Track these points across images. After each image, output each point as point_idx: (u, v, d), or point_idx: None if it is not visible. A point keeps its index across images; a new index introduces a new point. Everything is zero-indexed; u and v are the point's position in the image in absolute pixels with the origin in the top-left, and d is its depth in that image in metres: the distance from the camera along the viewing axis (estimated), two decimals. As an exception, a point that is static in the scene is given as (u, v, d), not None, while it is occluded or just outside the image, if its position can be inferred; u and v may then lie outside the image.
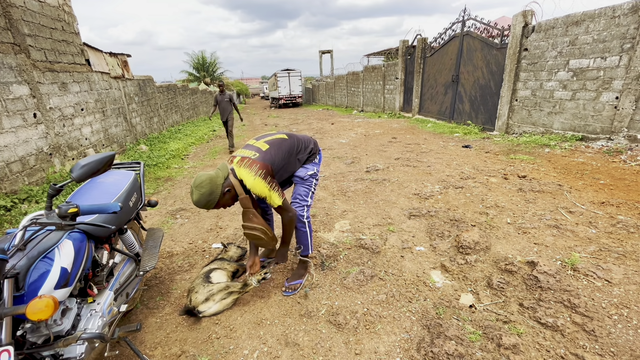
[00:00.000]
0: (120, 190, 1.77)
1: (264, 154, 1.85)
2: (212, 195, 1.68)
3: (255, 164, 1.77)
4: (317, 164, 2.15)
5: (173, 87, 12.64)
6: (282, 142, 1.97)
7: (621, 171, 4.09)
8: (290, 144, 2.00)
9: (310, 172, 2.07)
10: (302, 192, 2.06)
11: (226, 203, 1.78)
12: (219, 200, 1.72)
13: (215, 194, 1.69)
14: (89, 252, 1.37)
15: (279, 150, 1.91)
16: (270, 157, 1.85)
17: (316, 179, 2.13)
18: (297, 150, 2.02)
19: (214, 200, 1.70)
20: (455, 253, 2.49)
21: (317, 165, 2.15)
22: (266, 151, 1.87)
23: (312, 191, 2.11)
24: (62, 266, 1.12)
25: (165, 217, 3.70)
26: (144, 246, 2.01)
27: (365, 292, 2.05)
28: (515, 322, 1.71)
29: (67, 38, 5.80)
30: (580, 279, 2.03)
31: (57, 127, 5.22)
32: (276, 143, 1.95)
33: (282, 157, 1.91)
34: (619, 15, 4.94)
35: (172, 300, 2.13)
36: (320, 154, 2.20)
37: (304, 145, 2.07)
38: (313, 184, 2.10)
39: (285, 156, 1.93)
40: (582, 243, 2.49)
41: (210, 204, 1.70)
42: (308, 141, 2.13)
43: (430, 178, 4.44)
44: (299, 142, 2.06)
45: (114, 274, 1.67)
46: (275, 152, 1.89)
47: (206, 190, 1.67)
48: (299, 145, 2.04)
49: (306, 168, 2.06)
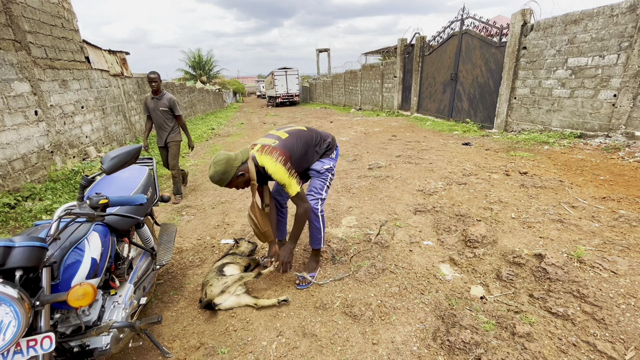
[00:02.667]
0: (136, 184, 1.78)
1: (284, 142, 1.93)
2: (226, 174, 1.81)
3: (276, 150, 1.85)
4: (334, 159, 2.17)
5: (171, 85, 12.58)
6: (301, 133, 2.04)
7: (620, 167, 4.16)
8: (309, 136, 2.05)
9: (326, 165, 2.09)
10: (318, 185, 2.09)
11: (238, 185, 1.89)
12: (232, 180, 1.84)
13: (229, 174, 1.81)
14: (112, 245, 1.39)
15: (298, 140, 1.98)
16: (290, 145, 1.93)
17: (332, 173, 2.15)
18: (316, 142, 2.06)
19: (227, 179, 1.82)
20: (463, 247, 2.53)
21: (334, 161, 2.17)
22: (286, 139, 1.96)
23: (328, 185, 2.13)
24: (92, 257, 1.14)
25: (172, 214, 3.70)
26: (159, 241, 2.02)
27: (378, 285, 2.08)
28: (527, 312, 1.76)
29: (66, 35, 5.75)
30: (587, 270, 2.08)
31: (58, 125, 5.19)
32: (296, 133, 2.03)
33: (301, 147, 1.98)
34: (617, 14, 5.02)
35: (186, 295, 2.15)
36: (337, 149, 2.22)
37: (322, 138, 2.11)
38: (329, 178, 2.12)
39: (304, 147, 1.99)
40: (586, 236, 2.54)
41: (222, 182, 1.82)
42: (326, 135, 2.17)
43: (432, 175, 4.48)
44: (317, 135, 2.10)
45: (133, 267, 1.68)
46: (295, 141, 1.97)
47: (221, 169, 1.79)
48: (317, 137, 2.08)
49: (322, 162, 2.09)
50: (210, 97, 20.92)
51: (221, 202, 4.01)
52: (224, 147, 7.99)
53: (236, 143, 8.40)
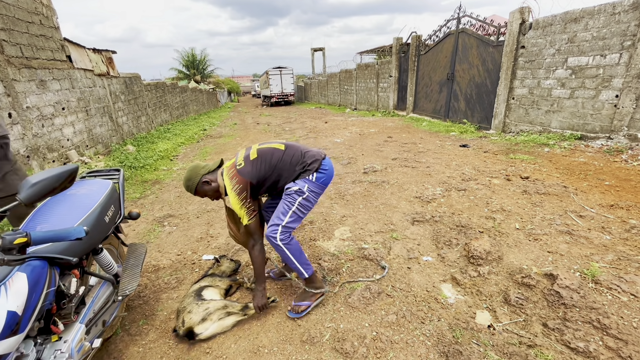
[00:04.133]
0: (94, 203, 1.54)
1: (248, 166, 1.78)
2: (190, 181, 1.82)
3: (236, 177, 1.75)
4: (310, 181, 1.80)
5: (162, 85, 12.25)
6: (274, 153, 1.82)
7: (625, 172, 3.99)
8: (281, 155, 1.81)
9: (295, 187, 1.79)
10: (280, 208, 1.83)
11: (206, 194, 1.86)
12: (197, 188, 1.83)
13: (193, 182, 1.82)
14: (51, 282, 1.15)
15: (265, 162, 1.79)
16: (253, 172, 1.77)
17: (303, 197, 1.79)
18: (295, 162, 1.81)
19: (192, 186, 1.83)
20: (466, 264, 2.32)
21: (309, 183, 1.80)
22: (252, 162, 1.79)
23: (296, 210, 1.80)
24: (8, 310, 0.90)
25: (152, 225, 3.45)
26: (124, 265, 1.78)
27: (373, 312, 1.86)
28: (542, 347, 1.55)
29: (45, 33, 5.45)
30: (604, 293, 1.87)
31: (36, 128, 4.90)
32: (267, 153, 1.81)
33: (267, 170, 1.78)
34: (619, 12, 4.85)
35: (158, 324, 1.90)
36: (323, 172, 1.83)
37: (302, 157, 1.83)
38: (296, 201, 1.79)
39: (270, 168, 1.79)
40: (598, 251, 2.34)
41: (189, 188, 1.84)
42: (308, 155, 1.85)
43: (430, 180, 4.28)
44: (294, 154, 1.83)
45: (86, 302, 1.44)
46: (260, 165, 1.78)
47: (186, 175, 1.84)
48: (296, 157, 1.83)
49: (295, 183, 1.81)
50: (203, 97, 20.56)
51: (207, 211, 3.76)
52: (215, 149, 7.72)
53: (227, 145, 8.14)
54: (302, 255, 1.88)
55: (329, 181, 1.89)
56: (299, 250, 1.87)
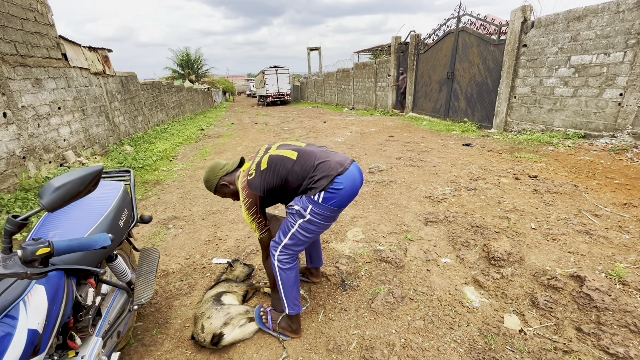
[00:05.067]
0: (107, 207, 1.44)
1: (257, 177, 1.57)
2: (209, 182, 1.78)
3: (246, 189, 1.60)
4: (314, 202, 1.49)
5: (158, 84, 12.06)
6: (284, 163, 1.54)
7: (634, 170, 3.97)
8: (290, 166, 1.53)
9: (297, 207, 1.53)
10: (282, 227, 1.62)
11: (226, 195, 1.81)
12: (217, 189, 1.78)
13: (212, 182, 1.76)
14: (69, 295, 1.05)
15: (273, 174, 1.54)
16: (262, 184, 1.56)
17: (304, 219, 1.52)
18: (298, 174, 1.53)
19: (211, 187, 1.78)
20: (487, 265, 2.26)
21: (315, 205, 1.49)
22: (262, 172, 1.56)
23: (294, 233, 1.55)
24: (29, 328, 0.81)
25: (157, 228, 3.34)
26: (137, 271, 1.68)
27: (399, 318, 1.79)
28: (579, 353, 1.49)
29: (40, 30, 5.29)
30: (633, 295, 1.83)
31: (31, 128, 4.74)
32: (277, 163, 1.55)
33: (276, 181, 1.55)
34: (624, 10, 4.84)
35: (173, 333, 1.81)
36: (333, 192, 1.47)
37: (307, 172, 1.51)
38: (297, 223, 1.54)
39: (279, 180, 1.55)
40: (619, 251, 2.30)
41: (209, 189, 1.79)
42: (318, 169, 1.50)
43: (438, 179, 4.23)
44: (304, 165, 1.52)
45: (102, 313, 1.34)
46: (268, 177, 1.55)
47: (205, 176, 1.79)
48: (302, 169, 1.52)
49: (298, 201, 1.54)
50: (199, 97, 20.34)
51: (212, 213, 3.66)
52: (214, 149, 7.60)
53: (227, 145, 8.02)
54: (293, 289, 1.63)
55: (344, 202, 1.53)
56: (292, 282, 1.62)
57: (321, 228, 1.58)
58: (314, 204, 1.49)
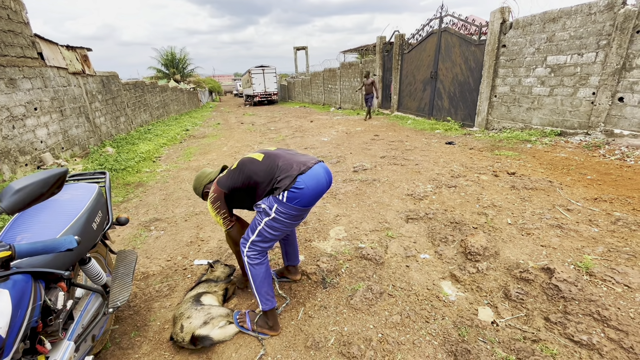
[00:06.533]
0: (80, 209, 1.42)
1: (226, 176, 1.74)
2: (196, 190, 1.96)
3: (214, 185, 1.76)
4: (279, 201, 1.53)
5: (141, 84, 11.82)
6: (251, 164, 1.63)
7: (605, 166, 4.14)
8: (256, 168, 1.61)
9: (263, 206, 1.59)
10: (251, 224, 1.70)
11: None
12: (203, 196, 1.95)
13: (198, 190, 1.95)
14: (37, 298, 1.04)
15: (241, 173, 1.65)
16: (228, 182, 1.70)
17: (269, 217, 1.57)
18: (262, 176, 1.58)
19: (199, 194, 1.96)
20: (464, 260, 2.32)
21: (280, 204, 1.53)
22: (231, 172, 1.72)
23: (260, 230, 1.61)
24: (-9, 334, 0.80)
25: (138, 230, 3.29)
26: (114, 274, 1.66)
27: (377, 313, 1.83)
28: (546, 341, 1.56)
29: (14, 28, 5.12)
30: (599, 285, 1.92)
31: (6, 130, 4.59)
32: (245, 164, 1.65)
33: (242, 180, 1.64)
34: (595, 12, 5.04)
35: (151, 336, 1.80)
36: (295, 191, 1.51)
37: (271, 173, 1.56)
38: (262, 221, 1.59)
39: (245, 180, 1.63)
40: (588, 243, 2.41)
41: (198, 195, 1.97)
42: (280, 169, 1.55)
43: (420, 177, 4.30)
44: (268, 167, 1.59)
45: (74, 317, 1.33)
46: (235, 176, 1.68)
47: (193, 184, 1.98)
48: (266, 171, 1.58)
49: (265, 200, 1.59)
50: (184, 97, 20.03)
51: (195, 214, 3.63)
52: (199, 149, 7.51)
53: (212, 145, 7.94)
54: (263, 284, 1.66)
55: (309, 201, 1.56)
56: (262, 277, 1.65)
57: (287, 226, 1.63)
58: (279, 203, 1.55)
